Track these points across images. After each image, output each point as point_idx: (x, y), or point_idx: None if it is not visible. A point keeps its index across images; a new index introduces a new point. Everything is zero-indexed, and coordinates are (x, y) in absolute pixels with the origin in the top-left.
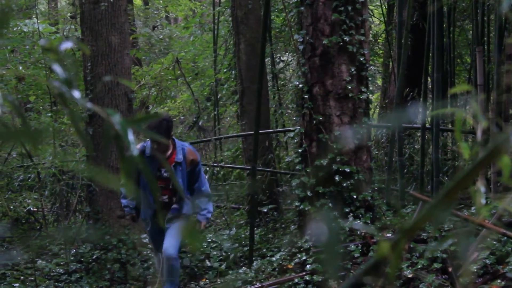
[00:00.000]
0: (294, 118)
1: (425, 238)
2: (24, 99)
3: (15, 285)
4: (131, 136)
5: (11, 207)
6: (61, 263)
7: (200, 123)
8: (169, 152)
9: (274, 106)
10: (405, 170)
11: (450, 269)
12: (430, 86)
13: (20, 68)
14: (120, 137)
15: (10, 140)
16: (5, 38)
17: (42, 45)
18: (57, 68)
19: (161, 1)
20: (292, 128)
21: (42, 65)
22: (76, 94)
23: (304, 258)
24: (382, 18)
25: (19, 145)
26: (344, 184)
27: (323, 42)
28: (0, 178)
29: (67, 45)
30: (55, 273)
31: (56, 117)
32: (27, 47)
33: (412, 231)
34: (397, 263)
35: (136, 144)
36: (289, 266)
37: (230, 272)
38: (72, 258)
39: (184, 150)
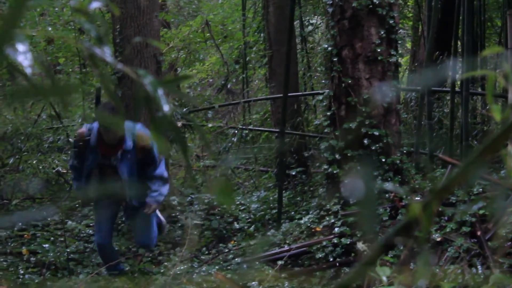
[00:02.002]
0: (323, 81)
1: (453, 201)
2: (53, 61)
3: (45, 245)
4: (163, 97)
5: (40, 167)
6: (90, 224)
7: (228, 86)
8: (117, 138)
9: (302, 69)
10: (434, 134)
11: (479, 233)
12: (460, 50)
13: (50, 29)
14: (151, 98)
15: (39, 97)
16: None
17: (72, 5)
18: (87, 26)
19: None
20: (321, 91)
21: (71, 27)
22: (107, 54)
23: (333, 221)
24: None
25: (48, 107)
26: (373, 147)
27: (353, 5)
28: (30, 140)
29: (97, 4)
30: (84, 234)
31: (85, 79)
32: (56, 9)
33: (444, 193)
34: (428, 225)
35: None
36: (317, 229)
37: (258, 234)
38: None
39: (134, 135)
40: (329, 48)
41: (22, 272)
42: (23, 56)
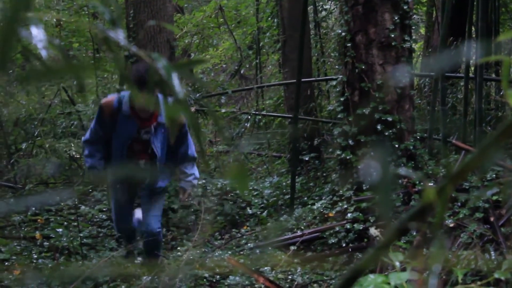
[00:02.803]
0: (337, 67)
1: (467, 187)
2: (67, 46)
3: (58, 230)
4: (176, 81)
5: (54, 151)
6: (104, 209)
7: (242, 72)
8: (150, 111)
9: (316, 54)
10: (448, 120)
11: (492, 219)
12: (474, 35)
13: (55, 20)
14: (164, 82)
15: (53, 79)
16: None
17: None
18: (101, 9)
19: None
20: (334, 77)
21: (85, 12)
22: (121, 37)
23: (345, 206)
24: None
25: (62, 92)
26: (386, 133)
27: None
28: (44, 125)
29: None
30: (97, 219)
31: (98, 65)
32: None
33: (458, 178)
34: (443, 210)
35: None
36: (330, 215)
37: (270, 220)
38: None
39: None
40: (343, 34)
41: (35, 256)
42: (37, 39)
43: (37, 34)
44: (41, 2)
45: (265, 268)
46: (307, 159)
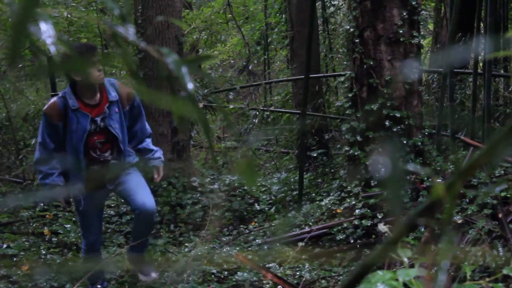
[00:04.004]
0: (345, 63)
1: (475, 183)
2: (75, 42)
3: (66, 225)
4: (186, 76)
5: None
6: (112, 205)
7: (250, 67)
8: (98, 95)
9: (324, 50)
10: (456, 116)
11: (500, 215)
12: (482, 31)
13: (66, 13)
14: (174, 78)
15: (59, 72)
16: None
17: None
18: (111, 4)
19: None
20: (342, 73)
21: (93, 8)
22: (130, 32)
23: (353, 202)
24: None
25: None
26: (394, 129)
27: None
28: None
29: None
30: (106, 215)
31: (107, 60)
32: None
33: (467, 174)
34: (452, 206)
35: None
36: (338, 211)
37: (278, 216)
38: (122, 200)
39: (115, 85)
40: (351, 30)
41: (43, 252)
42: (46, 35)
43: (46, 30)
44: None
45: (273, 264)
46: (315, 155)
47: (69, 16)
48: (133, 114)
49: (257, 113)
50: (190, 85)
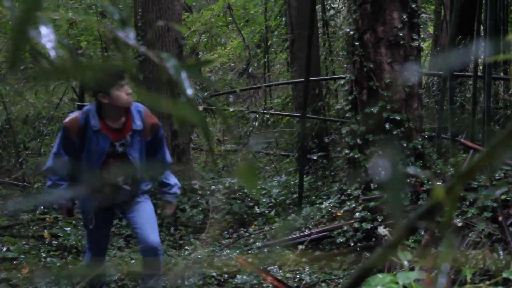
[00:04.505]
0: (345, 65)
1: (475, 186)
2: (75, 45)
3: (66, 229)
4: (186, 80)
5: None
6: None
7: (250, 70)
8: (123, 118)
9: (324, 53)
10: (456, 119)
11: (500, 218)
12: (482, 34)
13: (70, 15)
14: (174, 82)
15: (59, 77)
16: None
17: None
18: (111, 8)
19: None
20: (342, 76)
21: (93, 11)
22: (130, 36)
23: (354, 205)
24: None
25: (70, 91)
26: (394, 132)
27: None
28: (52, 123)
29: None
30: None
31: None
32: None
33: (467, 177)
34: (452, 209)
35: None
36: (338, 214)
37: (278, 219)
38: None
39: (141, 113)
40: (351, 32)
41: (43, 255)
42: (46, 38)
43: (46, 33)
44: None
45: (273, 267)
46: (315, 158)
47: (72, 17)
48: (155, 145)
49: (257, 116)
50: (190, 90)
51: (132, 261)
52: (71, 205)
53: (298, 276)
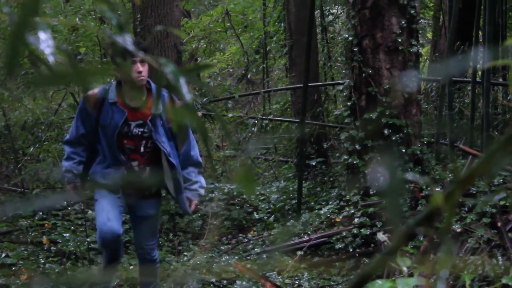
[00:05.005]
0: (343, 71)
1: (474, 192)
2: (74, 50)
3: (65, 235)
4: (184, 85)
5: (60, 154)
6: None
7: (249, 76)
8: (143, 98)
9: (323, 59)
10: (455, 124)
11: (499, 224)
12: (481, 39)
13: (72, 18)
14: (172, 87)
15: (60, 85)
16: None
17: None
18: (109, 15)
19: None
20: (341, 81)
21: (92, 16)
22: (129, 42)
23: (352, 211)
24: None
25: (69, 96)
26: (393, 138)
27: None
28: (51, 129)
29: None
30: None
31: (106, 69)
32: None
33: (466, 183)
34: (451, 215)
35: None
36: (337, 219)
37: (277, 225)
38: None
39: (164, 97)
40: (350, 38)
41: (42, 261)
42: (45, 44)
43: (45, 39)
44: (52, 5)
45: (272, 273)
46: (314, 163)
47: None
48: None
49: (256, 121)
50: (189, 95)
51: (131, 267)
52: (79, 182)
53: (297, 282)
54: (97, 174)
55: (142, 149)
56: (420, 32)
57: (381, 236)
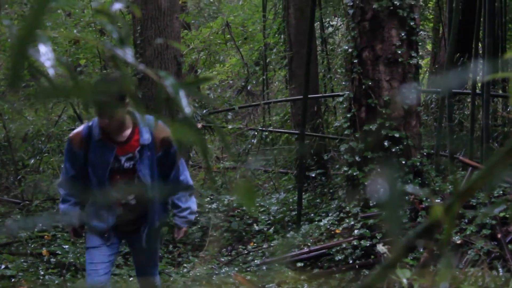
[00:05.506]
0: (343, 83)
1: (474, 204)
2: (74, 62)
3: (65, 246)
4: (184, 98)
5: (60, 166)
6: None
7: (248, 88)
8: (128, 130)
9: (323, 70)
10: (455, 136)
11: (499, 236)
12: (481, 51)
13: (72, 31)
14: (172, 100)
15: (61, 98)
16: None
17: (94, 7)
18: (109, 27)
19: None
20: (341, 93)
21: (92, 28)
22: (129, 55)
23: (352, 223)
24: None
25: (69, 108)
26: (393, 150)
27: (373, 6)
28: (51, 141)
29: (118, 6)
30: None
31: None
32: (77, 10)
33: (466, 195)
34: (451, 227)
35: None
36: (337, 231)
37: (277, 236)
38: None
39: (151, 126)
40: (350, 50)
41: (42, 273)
42: (45, 57)
43: (45, 51)
44: (53, 18)
45: (272, 284)
46: (313, 175)
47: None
48: (167, 162)
49: (256, 133)
50: (188, 108)
51: (131, 279)
52: (78, 225)
53: None
54: (90, 218)
55: (136, 182)
56: (420, 44)
57: (381, 247)
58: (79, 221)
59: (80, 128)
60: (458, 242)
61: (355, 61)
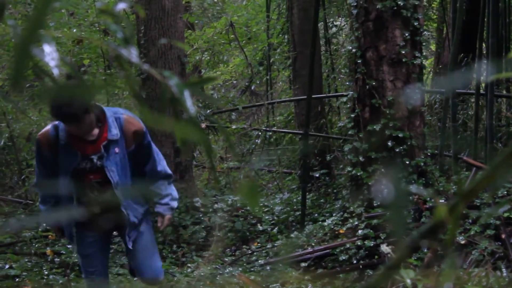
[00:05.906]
0: (347, 83)
1: (478, 204)
2: (78, 62)
3: (69, 246)
4: (188, 99)
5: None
6: None
7: (252, 88)
8: (96, 130)
9: (326, 71)
10: (459, 136)
11: (503, 236)
12: (484, 52)
13: (74, 31)
14: (176, 100)
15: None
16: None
17: (98, 7)
18: (113, 27)
19: None
20: (345, 93)
21: (96, 28)
22: (133, 55)
23: (356, 223)
24: None
25: None
26: (397, 150)
27: (377, 7)
28: None
29: (122, 5)
30: None
31: (110, 81)
32: (80, 10)
33: (471, 195)
34: (455, 228)
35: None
36: (341, 231)
37: (281, 236)
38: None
39: (120, 120)
40: (353, 50)
41: (46, 272)
42: (49, 57)
43: (49, 51)
44: (56, 18)
45: (276, 285)
46: (317, 175)
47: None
48: (141, 154)
49: (260, 133)
50: (192, 108)
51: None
52: (61, 224)
53: None
54: (68, 221)
55: (107, 176)
56: (424, 44)
57: (385, 248)
58: (59, 222)
59: (47, 128)
60: (462, 242)
61: (359, 61)
